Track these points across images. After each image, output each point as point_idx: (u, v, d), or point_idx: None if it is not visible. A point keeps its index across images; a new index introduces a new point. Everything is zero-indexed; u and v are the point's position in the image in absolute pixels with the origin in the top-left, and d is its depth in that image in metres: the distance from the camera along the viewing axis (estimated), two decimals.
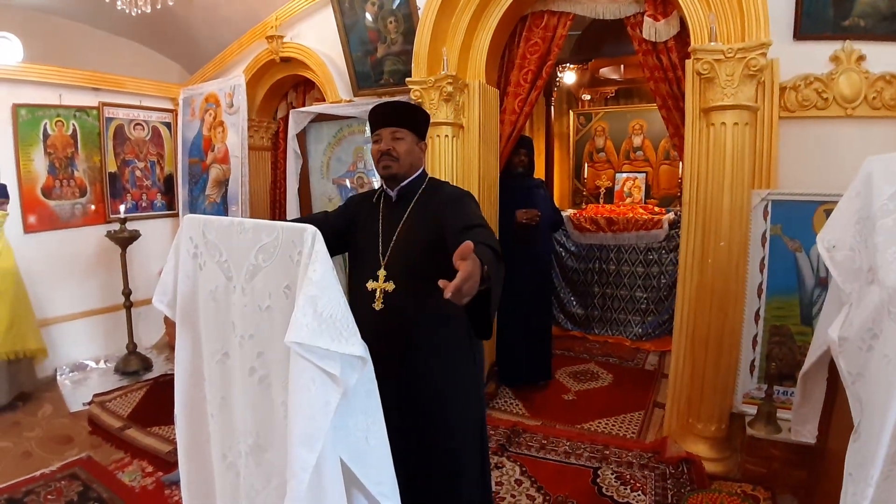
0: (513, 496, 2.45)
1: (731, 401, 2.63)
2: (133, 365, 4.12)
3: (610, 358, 4.30)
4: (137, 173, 4.61)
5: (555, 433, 3.00)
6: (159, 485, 2.61)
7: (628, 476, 2.58)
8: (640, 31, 2.86)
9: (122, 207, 4.21)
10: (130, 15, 3.31)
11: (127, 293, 4.12)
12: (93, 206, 4.32)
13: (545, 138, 5.93)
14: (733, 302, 2.53)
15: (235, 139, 4.14)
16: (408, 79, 3.19)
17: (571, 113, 6.21)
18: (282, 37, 4.06)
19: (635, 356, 4.34)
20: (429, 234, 1.67)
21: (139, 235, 4.12)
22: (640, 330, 4.70)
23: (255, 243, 1.19)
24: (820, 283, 2.48)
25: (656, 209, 5.23)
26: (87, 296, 4.31)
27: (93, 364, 4.21)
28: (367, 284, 1.70)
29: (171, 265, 1.39)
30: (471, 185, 3.13)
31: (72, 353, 4.16)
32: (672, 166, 5.69)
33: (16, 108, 3.81)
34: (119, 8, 3.25)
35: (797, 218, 2.49)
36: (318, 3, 3.86)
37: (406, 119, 1.76)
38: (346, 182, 4.04)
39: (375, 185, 3.92)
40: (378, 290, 1.67)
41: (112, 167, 4.41)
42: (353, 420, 1.17)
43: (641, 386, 3.71)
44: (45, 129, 3.99)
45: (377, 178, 3.89)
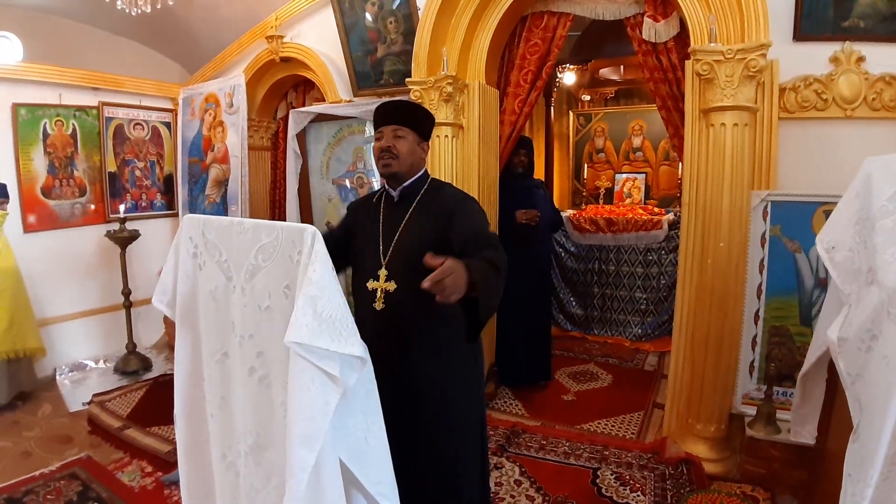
0: (512, 496, 2.45)
1: (731, 401, 2.63)
2: (132, 365, 4.12)
3: (609, 358, 4.30)
4: (137, 173, 4.61)
5: (554, 434, 3.00)
6: (159, 485, 2.61)
7: (628, 477, 2.58)
8: (640, 32, 2.87)
9: (121, 207, 4.21)
10: (130, 14, 3.31)
11: (126, 293, 4.12)
12: (92, 206, 4.32)
13: (545, 139, 5.93)
14: (733, 302, 2.54)
15: (235, 139, 4.14)
16: (408, 79, 3.19)
17: (571, 113, 6.21)
18: (282, 37, 4.06)
19: (635, 357, 4.35)
20: (431, 235, 1.67)
21: (139, 235, 4.12)
22: (640, 330, 4.70)
23: (255, 243, 1.19)
24: (819, 284, 2.48)
25: (656, 210, 5.23)
26: (86, 295, 4.31)
27: (92, 364, 4.21)
28: (368, 284, 1.70)
29: (170, 265, 1.40)
30: (471, 186, 3.13)
31: (71, 353, 4.16)
32: (672, 167, 5.69)
33: (16, 107, 3.81)
34: (119, 7, 3.25)
35: (797, 219, 2.49)
36: (318, 3, 3.86)
37: (408, 118, 1.76)
38: (346, 182, 4.04)
39: (375, 186, 3.93)
40: (379, 290, 1.67)
41: (112, 167, 4.41)
42: (353, 420, 1.17)
43: (641, 386, 3.71)
44: (44, 129, 3.98)
45: (377, 179, 3.91)
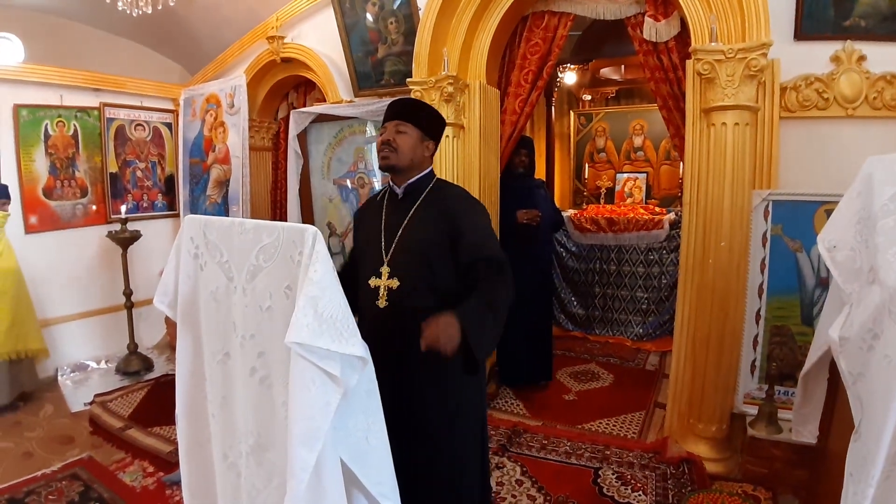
0: (513, 496, 2.45)
1: (732, 401, 2.63)
2: (134, 365, 4.13)
3: (611, 358, 4.30)
4: (138, 174, 4.62)
5: (555, 433, 3.00)
6: (160, 485, 2.61)
7: (629, 476, 2.58)
8: (641, 32, 2.86)
9: (123, 208, 4.22)
10: (131, 15, 3.31)
11: (128, 293, 4.13)
12: (94, 207, 4.33)
13: (546, 139, 5.93)
14: (734, 302, 2.53)
15: (236, 139, 4.15)
16: (408, 79, 3.19)
17: (572, 113, 6.22)
18: (283, 37, 4.06)
19: (636, 356, 4.34)
20: (434, 234, 1.67)
21: (140, 236, 4.13)
22: (641, 330, 4.69)
23: (256, 244, 1.19)
24: (821, 284, 2.48)
25: (657, 209, 5.23)
26: (88, 296, 4.32)
27: (94, 364, 4.22)
28: (371, 281, 1.69)
29: (171, 265, 1.40)
30: (471, 186, 3.13)
31: (73, 354, 4.17)
32: (673, 166, 5.69)
33: (17, 108, 3.82)
34: (120, 8, 3.25)
35: (798, 218, 2.49)
36: (319, 3, 3.86)
37: (412, 114, 1.76)
38: (347, 182, 4.04)
39: (376, 186, 3.93)
40: (382, 287, 1.67)
41: (113, 167, 4.42)
42: (354, 420, 1.17)
43: (642, 386, 3.71)
44: (46, 130, 3.99)
45: (378, 179, 3.91)
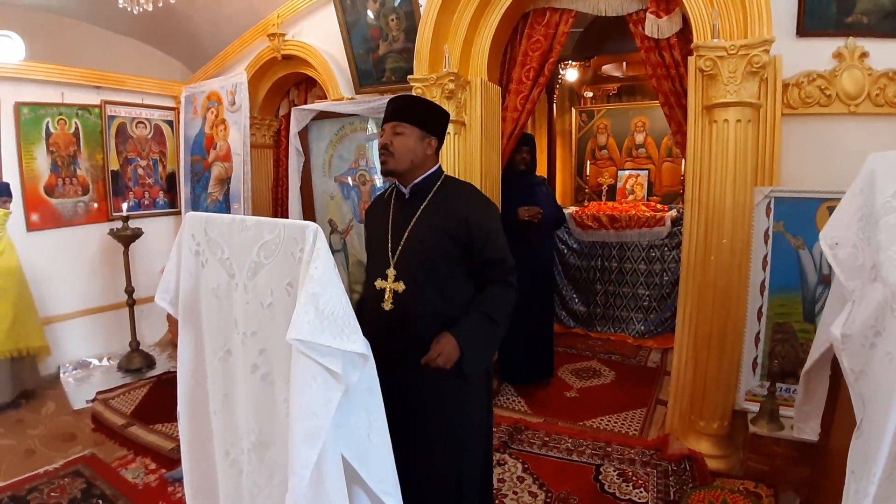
0: (515, 493, 2.45)
1: (734, 398, 2.62)
2: (136, 362, 4.14)
3: (612, 355, 4.30)
4: (140, 171, 4.62)
5: (557, 430, 3.01)
6: (162, 482, 2.62)
7: (630, 473, 2.58)
8: (643, 28, 2.85)
9: (124, 205, 4.21)
10: (132, 13, 3.31)
11: (130, 291, 4.13)
12: (95, 205, 4.33)
13: (547, 135, 5.91)
14: (736, 299, 2.53)
15: (237, 137, 4.15)
16: (410, 76, 3.18)
17: (574, 110, 6.20)
18: (283, 34, 4.06)
19: (637, 353, 4.34)
20: (442, 237, 1.64)
21: (141, 233, 4.13)
22: (643, 327, 4.69)
23: (257, 241, 1.19)
24: (822, 281, 2.47)
25: (658, 206, 5.22)
26: (89, 294, 4.33)
27: (96, 362, 4.22)
28: (376, 283, 1.68)
29: (173, 263, 1.40)
30: (473, 183, 3.12)
31: (75, 351, 4.18)
32: (674, 163, 5.68)
33: (18, 106, 3.82)
34: (121, 6, 3.25)
35: (800, 215, 2.48)
36: (320, 0, 3.85)
37: (410, 114, 1.70)
38: (348, 180, 4.04)
39: (378, 183, 3.93)
40: (387, 290, 1.65)
41: (114, 165, 4.42)
42: (355, 417, 1.17)
43: (644, 383, 3.71)
44: (47, 128, 3.99)
45: (379, 176, 3.91)
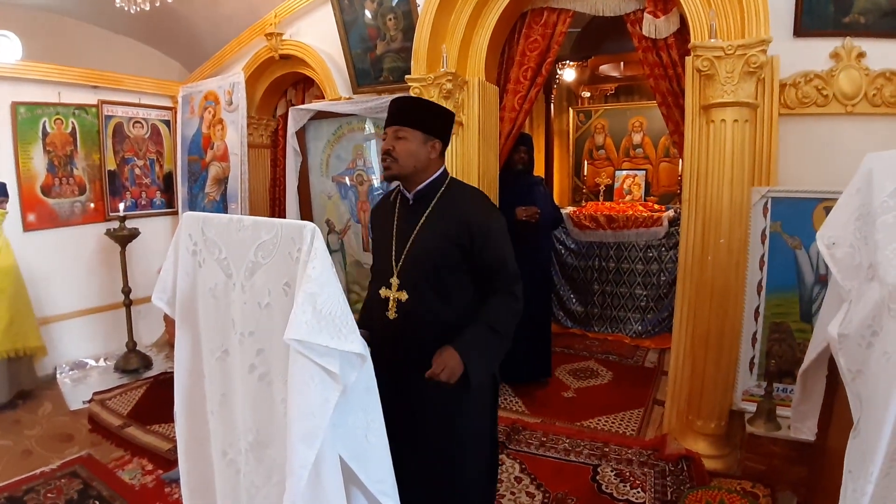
0: (512, 493, 2.45)
1: (731, 398, 2.63)
2: (133, 363, 4.13)
3: (610, 355, 4.30)
4: (137, 171, 4.60)
5: (554, 430, 3.01)
6: (159, 483, 2.61)
7: (628, 473, 2.58)
8: (640, 28, 2.86)
9: (121, 205, 4.20)
10: (129, 12, 3.30)
11: (126, 291, 4.12)
12: (92, 204, 4.32)
13: (545, 136, 5.92)
14: (733, 299, 2.53)
15: (235, 137, 4.14)
16: (407, 76, 3.18)
17: (571, 110, 6.20)
18: (281, 34, 4.05)
19: (635, 353, 4.35)
20: (446, 244, 1.61)
21: (139, 233, 4.12)
22: (640, 327, 4.70)
23: (255, 240, 1.19)
24: (819, 281, 2.48)
25: (656, 206, 5.23)
26: (86, 294, 4.31)
27: (92, 362, 4.21)
28: (381, 291, 1.66)
29: (170, 263, 1.39)
30: (470, 183, 3.12)
31: (72, 352, 4.17)
32: (672, 163, 5.68)
33: (15, 106, 3.80)
34: (118, 5, 3.24)
35: (797, 215, 2.48)
36: (318, 0, 3.85)
37: (412, 117, 1.65)
38: (346, 179, 4.04)
39: (375, 183, 3.93)
40: (391, 299, 1.63)
41: (111, 165, 4.40)
42: (353, 417, 1.17)
43: (641, 383, 3.71)
44: (44, 127, 3.98)
45: (377, 176, 3.91)
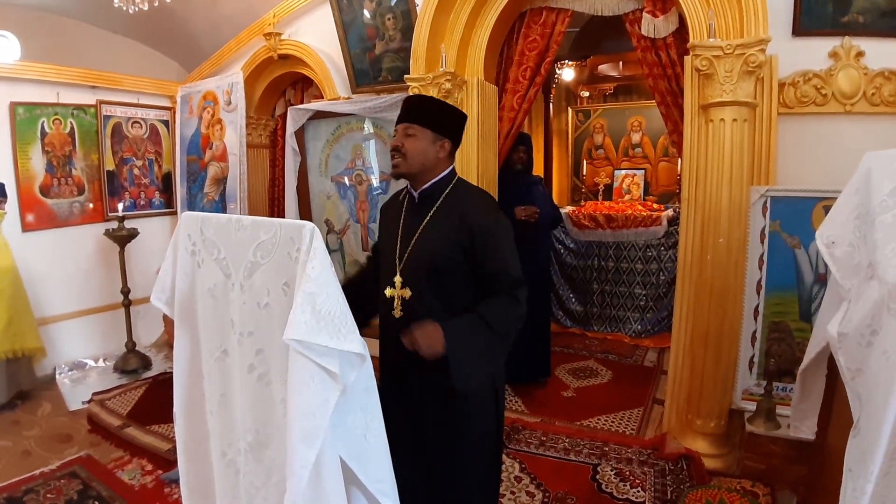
0: (512, 493, 2.45)
1: (731, 397, 2.63)
2: (132, 363, 4.12)
3: (609, 355, 4.30)
4: (135, 171, 4.60)
5: (554, 430, 3.01)
6: (159, 483, 2.61)
7: (628, 472, 2.58)
8: (639, 28, 2.86)
9: (120, 206, 4.20)
10: (128, 13, 3.29)
11: (125, 291, 4.12)
12: (91, 205, 4.31)
13: (544, 135, 5.92)
14: (732, 298, 2.53)
15: (234, 137, 4.13)
16: (406, 76, 3.18)
17: (570, 110, 6.20)
18: (280, 34, 4.05)
19: (634, 353, 4.35)
20: (447, 245, 1.61)
21: (137, 234, 4.12)
22: (640, 327, 4.70)
23: (254, 240, 1.18)
24: (819, 280, 2.48)
25: (655, 206, 5.22)
26: (85, 294, 4.30)
27: (92, 363, 4.21)
28: (386, 291, 1.66)
29: (169, 263, 1.39)
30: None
31: (71, 352, 4.16)
32: (671, 163, 5.68)
33: (13, 106, 3.79)
34: (116, 6, 3.24)
35: (796, 214, 2.49)
36: (316, 0, 3.85)
37: (422, 115, 1.65)
38: (345, 179, 4.04)
39: (374, 183, 3.93)
40: (396, 298, 1.63)
41: (110, 165, 4.40)
42: (352, 417, 1.17)
43: (640, 382, 3.72)
44: (42, 128, 3.97)
45: (376, 176, 3.91)
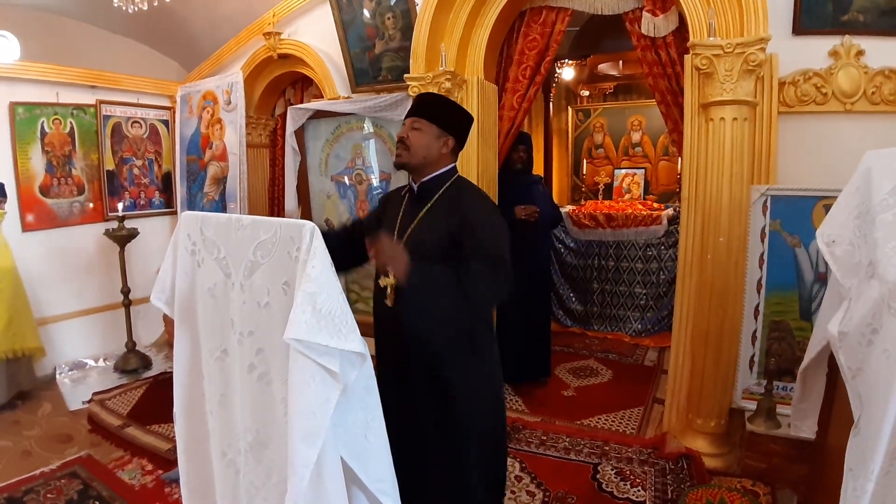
0: (512, 492, 2.45)
1: (731, 396, 2.63)
2: (132, 363, 4.12)
3: (609, 354, 4.30)
4: (135, 171, 4.60)
5: (554, 429, 3.01)
6: (159, 483, 2.61)
7: (628, 472, 2.58)
8: (639, 27, 2.85)
9: (120, 205, 4.19)
10: (128, 12, 3.29)
11: (126, 291, 4.12)
12: (91, 205, 4.31)
13: (544, 134, 5.92)
14: (732, 297, 2.53)
15: (233, 136, 4.13)
16: (406, 75, 3.18)
17: (570, 109, 6.20)
18: (279, 33, 4.04)
19: (634, 352, 4.35)
20: (441, 236, 1.63)
21: (137, 233, 4.11)
22: (640, 326, 4.70)
23: (254, 240, 1.18)
24: (819, 279, 2.48)
25: (655, 205, 5.23)
26: (85, 294, 4.30)
27: (92, 362, 4.20)
28: (380, 280, 1.67)
29: (169, 262, 1.39)
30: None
31: (71, 352, 4.16)
32: (671, 162, 5.68)
33: (13, 106, 3.79)
34: (116, 5, 3.23)
35: (796, 213, 2.48)
36: None
37: (429, 111, 1.71)
38: (345, 179, 4.03)
39: (374, 182, 3.93)
40: (389, 287, 1.64)
41: (110, 165, 4.39)
42: (353, 417, 1.17)
43: (641, 382, 3.72)
44: (42, 128, 3.97)
45: (376, 175, 3.91)
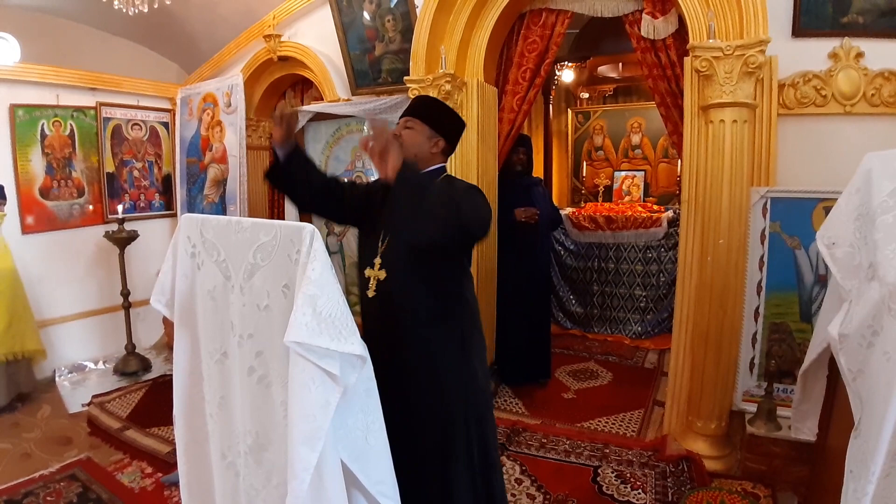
0: (513, 495, 2.44)
1: (731, 398, 2.63)
2: (132, 365, 4.12)
3: (609, 356, 4.30)
4: (135, 173, 4.60)
5: (555, 432, 3.00)
6: (159, 485, 2.61)
7: (628, 474, 2.58)
8: (639, 29, 2.86)
9: (120, 208, 4.20)
10: (128, 14, 3.29)
11: (125, 293, 4.11)
12: (91, 207, 4.31)
13: (544, 137, 5.93)
14: (732, 299, 2.53)
15: (233, 138, 4.13)
16: (406, 77, 3.18)
17: (570, 111, 6.21)
18: (279, 36, 4.05)
19: (635, 354, 4.35)
20: None
21: (137, 236, 4.11)
22: (640, 328, 4.70)
23: (254, 242, 1.18)
24: (819, 281, 2.48)
25: (655, 207, 5.23)
26: (85, 296, 4.30)
27: (91, 365, 4.20)
28: (365, 272, 1.72)
29: (168, 265, 1.39)
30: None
31: (70, 354, 4.15)
32: (671, 164, 5.69)
33: (13, 108, 3.79)
34: (116, 7, 3.23)
35: (796, 215, 2.49)
36: (316, 1, 3.85)
37: (423, 112, 1.80)
38: (345, 181, 4.03)
39: None
40: (372, 278, 1.68)
41: (110, 167, 4.40)
42: (353, 419, 1.17)
43: (641, 384, 3.71)
44: (42, 130, 3.97)
45: (375, 178, 3.90)
